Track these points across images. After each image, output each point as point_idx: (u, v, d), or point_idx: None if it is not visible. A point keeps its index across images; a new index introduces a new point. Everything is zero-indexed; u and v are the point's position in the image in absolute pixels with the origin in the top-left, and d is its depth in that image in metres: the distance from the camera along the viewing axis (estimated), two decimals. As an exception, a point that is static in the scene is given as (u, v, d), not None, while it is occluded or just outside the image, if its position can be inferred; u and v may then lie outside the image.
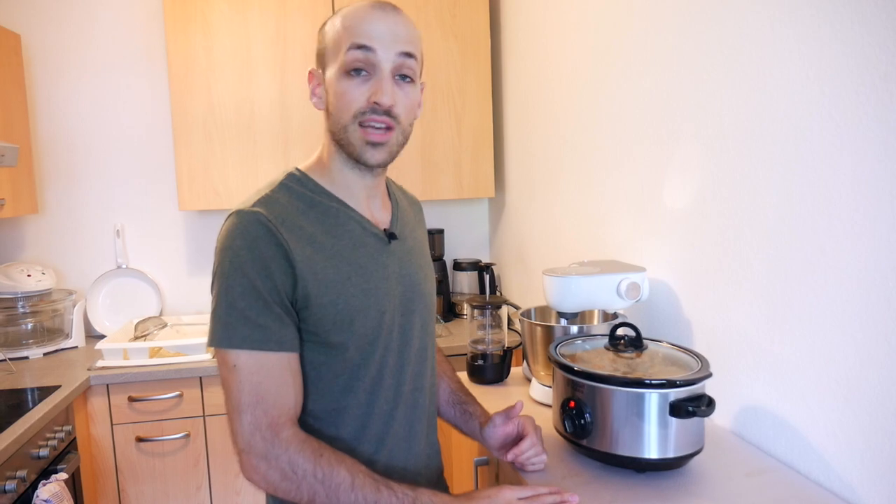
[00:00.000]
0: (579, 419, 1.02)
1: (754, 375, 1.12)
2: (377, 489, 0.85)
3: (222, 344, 0.86)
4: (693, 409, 0.94)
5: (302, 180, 0.97)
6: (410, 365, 1.01)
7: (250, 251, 0.86)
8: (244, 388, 0.85)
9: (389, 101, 0.90)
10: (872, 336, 0.87)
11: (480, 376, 1.49)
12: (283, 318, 0.87)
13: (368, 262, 0.96)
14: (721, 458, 1.06)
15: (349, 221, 0.96)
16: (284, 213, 0.90)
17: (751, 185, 1.10)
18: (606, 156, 1.66)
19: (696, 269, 1.27)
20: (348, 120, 0.91)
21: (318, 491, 0.84)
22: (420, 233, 1.14)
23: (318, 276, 0.89)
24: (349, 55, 0.90)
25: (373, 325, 0.94)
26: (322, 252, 0.91)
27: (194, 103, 2.34)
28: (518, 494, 0.89)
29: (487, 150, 2.55)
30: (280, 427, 0.85)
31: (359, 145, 0.92)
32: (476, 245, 2.91)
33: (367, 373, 0.95)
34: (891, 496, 0.85)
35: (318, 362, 0.92)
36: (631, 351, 1.15)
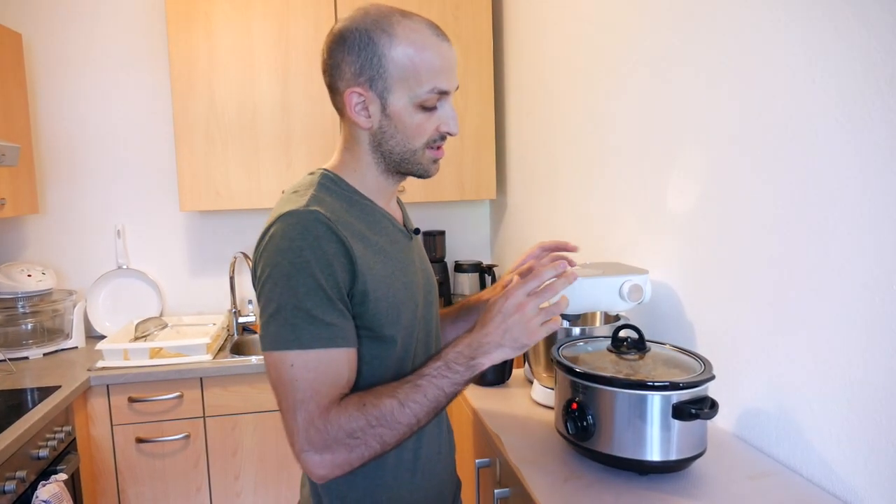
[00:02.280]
0: (582, 421, 1.01)
1: (757, 378, 1.11)
2: (417, 387, 0.88)
3: (291, 346, 0.85)
4: (696, 412, 0.94)
5: (336, 181, 0.99)
6: (434, 351, 1.05)
7: (313, 250, 0.86)
8: (299, 386, 0.85)
9: (458, 131, 0.98)
10: (877, 339, 0.87)
11: (481, 378, 1.49)
12: (347, 315, 0.89)
13: (403, 257, 1.00)
14: (723, 460, 1.06)
15: (384, 219, 1.00)
16: (336, 212, 0.92)
17: (755, 188, 1.10)
18: (609, 158, 1.66)
19: (699, 271, 1.26)
20: (420, 146, 0.96)
21: (381, 433, 0.86)
22: None
23: (372, 271, 0.92)
24: (430, 96, 0.93)
25: (411, 318, 0.98)
26: (371, 248, 0.94)
27: (196, 104, 2.34)
28: (524, 289, 0.89)
29: (489, 152, 2.55)
30: (328, 411, 0.85)
31: (427, 164, 0.98)
32: (477, 247, 2.91)
33: (409, 363, 0.99)
34: (894, 500, 0.85)
35: (371, 356, 0.95)
36: (633, 353, 1.15)
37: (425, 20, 0.94)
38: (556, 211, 2.04)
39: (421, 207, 2.82)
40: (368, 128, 0.95)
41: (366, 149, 0.98)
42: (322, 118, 2.42)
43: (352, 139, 0.99)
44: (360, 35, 0.91)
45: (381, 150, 0.97)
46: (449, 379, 0.89)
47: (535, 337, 0.89)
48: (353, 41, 0.92)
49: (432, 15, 2.45)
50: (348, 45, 0.92)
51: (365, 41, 0.91)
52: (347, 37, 0.92)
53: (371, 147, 0.97)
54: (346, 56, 0.92)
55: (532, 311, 0.89)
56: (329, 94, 0.99)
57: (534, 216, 2.30)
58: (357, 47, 0.91)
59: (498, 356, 0.90)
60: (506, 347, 0.89)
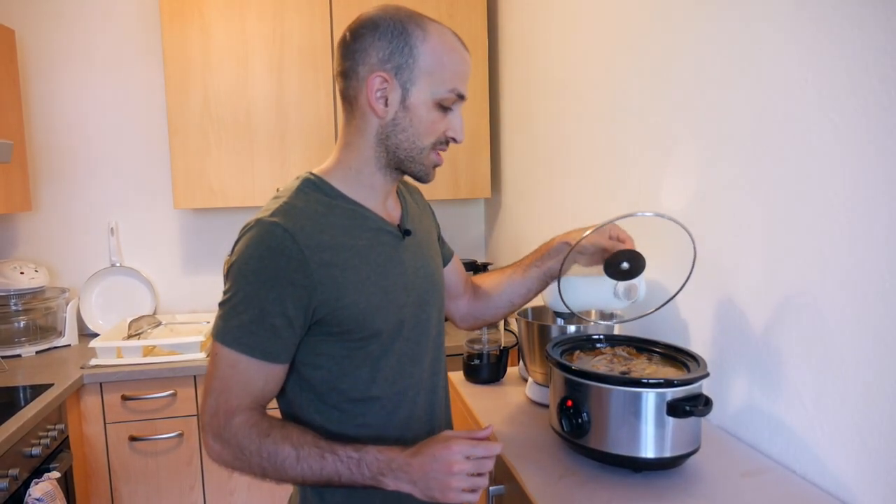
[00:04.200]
0: (576, 418, 1.02)
1: (751, 376, 1.12)
2: (322, 457, 0.89)
3: (219, 339, 0.91)
4: (690, 409, 0.95)
5: (318, 184, 0.99)
6: (429, 352, 1.06)
7: (262, 262, 0.90)
8: (217, 376, 0.91)
9: (463, 139, 1.01)
10: (869, 336, 0.88)
11: (476, 376, 1.49)
12: (279, 332, 0.90)
13: (386, 260, 0.99)
14: (717, 457, 1.06)
15: (366, 222, 1.00)
16: (303, 220, 0.93)
17: (748, 188, 1.11)
18: (604, 157, 1.66)
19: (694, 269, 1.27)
20: (428, 145, 0.97)
21: (267, 467, 0.90)
22: (426, 221, 1.19)
23: (337, 280, 0.92)
24: (450, 96, 0.96)
25: (392, 321, 0.98)
26: (342, 255, 0.94)
27: (190, 100, 2.33)
28: (466, 451, 0.88)
29: (484, 151, 2.55)
30: (233, 414, 0.91)
31: (428, 166, 0.99)
32: (472, 245, 2.91)
33: (389, 363, 0.99)
34: (886, 496, 0.86)
35: (342, 356, 0.96)
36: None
37: (450, 28, 0.99)
38: (551, 210, 2.04)
39: (416, 206, 2.81)
40: (382, 116, 0.95)
41: (370, 142, 0.98)
42: (317, 116, 2.41)
43: (356, 132, 0.98)
44: (394, 24, 0.94)
45: (388, 144, 0.97)
46: (351, 473, 0.89)
47: (447, 497, 0.87)
48: (386, 28, 0.94)
49: (427, 14, 2.44)
50: (381, 31, 0.94)
51: (399, 30, 0.93)
52: (380, 23, 0.94)
53: (377, 139, 0.97)
54: (377, 41, 0.93)
55: (459, 475, 0.87)
56: (341, 81, 0.98)
57: (529, 215, 2.30)
58: (390, 34, 0.93)
59: (405, 488, 0.89)
60: (416, 488, 0.88)
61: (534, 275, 1.24)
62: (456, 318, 1.30)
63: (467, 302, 1.29)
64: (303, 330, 0.93)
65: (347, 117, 1.00)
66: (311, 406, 0.97)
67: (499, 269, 1.34)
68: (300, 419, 0.98)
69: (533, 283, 1.24)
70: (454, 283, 1.27)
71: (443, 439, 0.90)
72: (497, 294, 1.27)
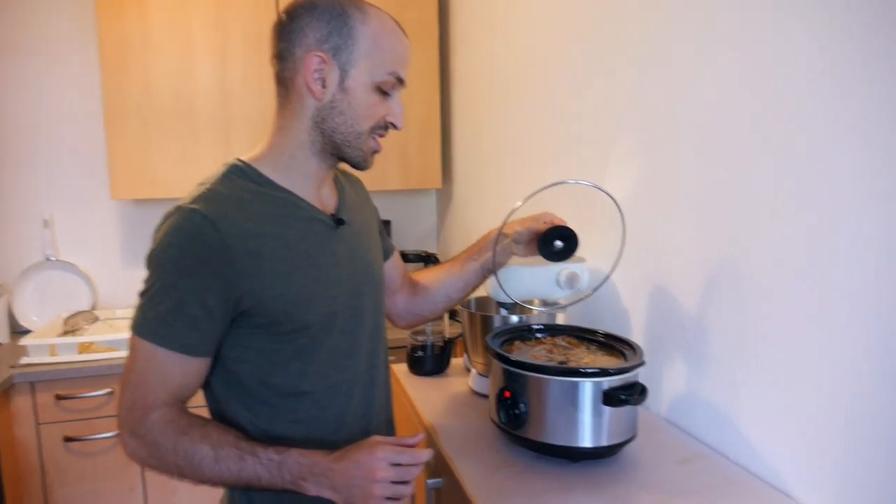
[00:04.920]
0: (514, 409, 1.00)
1: (687, 363, 1.12)
2: (241, 459, 0.86)
3: (136, 331, 0.88)
4: (626, 398, 0.94)
5: (246, 171, 0.95)
6: (365, 345, 1.03)
7: (181, 251, 0.86)
8: (133, 369, 0.88)
9: (402, 126, 0.98)
10: (802, 321, 0.88)
11: (420, 368, 1.47)
12: (198, 324, 0.86)
13: (317, 250, 0.96)
14: (654, 445, 1.06)
15: (296, 210, 0.95)
16: (227, 207, 0.89)
17: (688, 177, 1.11)
18: (551, 147, 1.66)
19: (635, 259, 1.27)
20: (366, 129, 0.95)
21: (183, 466, 0.86)
22: (366, 211, 1.15)
23: (263, 269, 0.89)
24: (389, 79, 0.94)
25: (324, 312, 0.95)
26: (268, 244, 0.90)
27: (129, 88, 2.24)
28: (391, 458, 0.86)
29: (434, 141, 2.53)
30: (151, 410, 0.87)
31: (367, 152, 0.97)
32: (423, 236, 2.89)
33: (321, 357, 0.96)
34: (817, 481, 0.87)
35: (270, 350, 0.92)
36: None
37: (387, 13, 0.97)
38: (501, 200, 2.03)
39: (366, 197, 2.77)
40: (319, 98, 0.92)
41: (305, 125, 0.94)
42: (263, 104, 2.34)
43: (291, 115, 0.95)
44: (332, 4, 0.92)
45: (324, 128, 0.94)
46: (271, 476, 0.86)
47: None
48: (324, 8, 0.91)
49: (376, 0, 2.40)
50: (319, 12, 0.91)
51: (337, 11, 0.91)
52: (318, 4, 0.92)
53: (313, 123, 0.94)
54: (314, 21, 0.91)
55: (382, 482, 0.85)
56: (276, 63, 0.95)
57: (480, 206, 2.29)
58: (328, 15, 0.91)
59: (326, 494, 0.87)
60: (338, 494, 0.86)
61: (471, 268, 1.22)
62: (393, 316, 1.28)
63: (405, 298, 1.26)
64: (225, 322, 0.89)
65: (282, 101, 0.96)
66: (238, 401, 0.94)
67: (438, 264, 1.32)
68: (227, 415, 0.94)
69: (471, 276, 1.22)
70: (393, 279, 1.24)
71: (368, 445, 0.87)
72: (435, 289, 1.25)
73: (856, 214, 0.79)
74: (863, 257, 0.78)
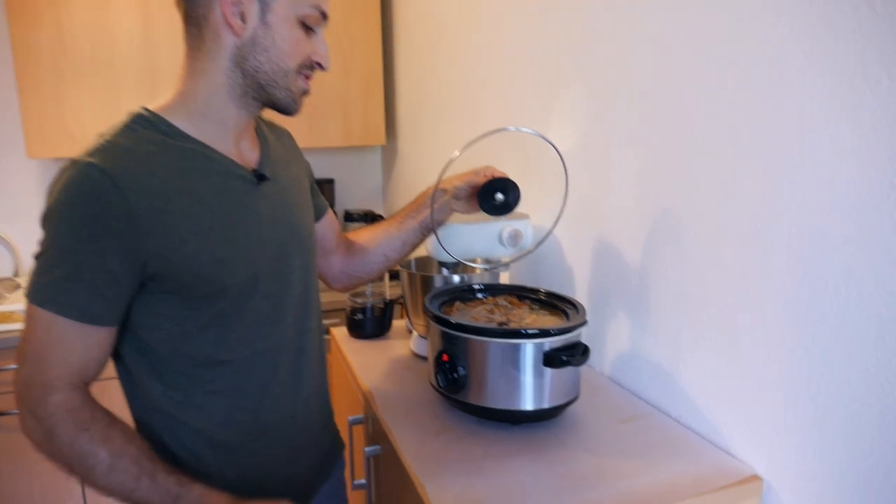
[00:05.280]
0: (452, 373, 0.96)
1: (631, 322, 1.10)
2: (137, 478, 0.79)
3: (28, 294, 0.79)
4: (567, 359, 0.90)
5: (152, 121, 0.85)
6: (293, 310, 0.96)
7: (75, 209, 0.77)
8: (31, 339, 0.79)
9: (329, 66, 0.92)
10: (744, 280, 0.86)
11: (360, 331, 1.41)
12: (101, 290, 0.78)
13: (235, 207, 0.88)
14: (597, 405, 1.04)
15: (211, 164, 0.87)
16: (128, 162, 0.80)
17: (634, 131, 1.06)
18: (496, 100, 1.59)
19: (579, 216, 1.23)
20: (293, 66, 0.87)
21: (74, 464, 0.79)
22: (295, 167, 1.06)
23: (171, 229, 0.80)
24: (312, 13, 0.87)
25: (243, 275, 0.87)
26: (178, 201, 0.81)
27: (40, 36, 2.05)
28: None
29: (377, 95, 2.42)
30: (52, 390, 0.79)
31: (296, 93, 0.90)
32: (369, 195, 2.80)
33: (244, 322, 0.89)
34: (755, 440, 0.85)
35: (184, 316, 0.84)
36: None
37: None
38: (447, 156, 1.96)
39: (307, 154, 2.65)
40: (239, 34, 0.83)
41: (223, 67, 0.85)
42: (191, 55, 2.19)
43: (206, 57, 0.85)
44: None
45: (245, 68, 0.85)
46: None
47: None
48: None
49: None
50: None
51: None
52: None
53: (232, 63, 0.85)
54: None
55: None
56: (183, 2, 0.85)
57: (425, 162, 2.21)
58: None
59: None
60: None
61: (410, 227, 1.16)
62: (328, 278, 1.21)
63: (340, 259, 1.19)
64: (132, 287, 0.81)
65: (194, 42, 0.86)
66: (151, 373, 0.86)
67: (375, 223, 1.25)
68: (140, 388, 0.87)
69: (409, 235, 1.16)
70: (326, 239, 1.16)
71: None
72: (372, 249, 1.18)
73: (798, 171, 0.76)
74: (803, 214, 0.75)
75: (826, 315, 0.74)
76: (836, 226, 0.72)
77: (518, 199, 1.05)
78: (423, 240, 1.18)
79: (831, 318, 0.74)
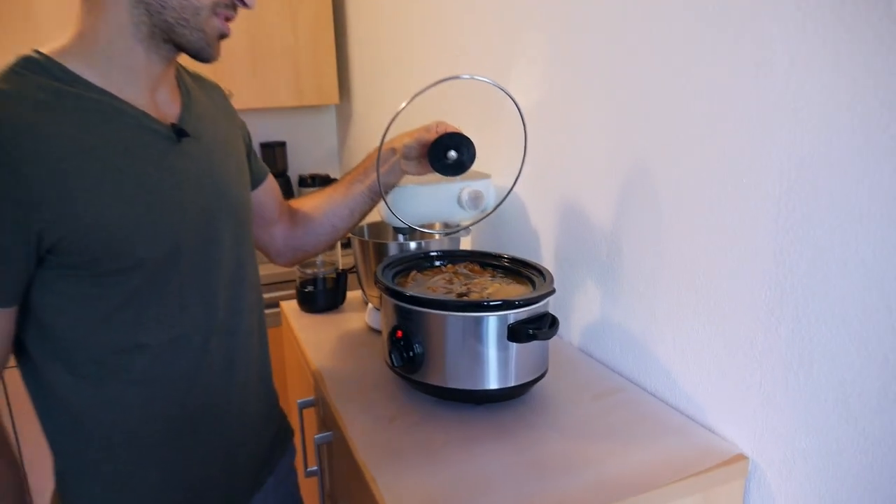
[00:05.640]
0: (408, 351, 0.86)
1: (602, 289, 1.01)
2: None
3: None
4: (534, 332, 0.82)
5: (45, 66, 0.71)
6: (223, 287, 0.84)
7: None
8: None
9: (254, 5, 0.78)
10: (729, 241, 0.77)
11: (312, 304, 1.30)
12: None
13: (150, 167, 0.75)
14: (566, 380, 0.96)
15: (120, 117, 0.74)
16: (15, 112, 0.67)
17: (601, 80, 0.96)
18: (456, 52, 1.47)
19: (543, 173, 1.13)
20: (205, 3, 0.74)
21: None
22: (226, 125, 0.93)
23: (71, 193, 0.68)
24: None
25: (163, 246, 0.75)
26: (79, 160, 0.69)
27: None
28: None
29: (329, 51, 2.27)
30: None
31: (210, 35, 0.76)
32: (324, 158, 2.66)
33: (164, 302, 0.77)
34: (739, 414, 0.78)
35: (92, 296, 0.72)
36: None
37: None
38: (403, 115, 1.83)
39: (257, 116, 2.49)
40: None
41: (125, 2, 0.72)
42: None
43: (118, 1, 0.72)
44: None
45: (150, 2, 0.72)
46: None
47: None
48: None
49: None
50: None
51: None
52: None
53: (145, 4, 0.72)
54: None
55: None
56: None
57: (383, 122, 2.08)
58: None
59: None
60: None
61: (357, 192, 1.04)
62: (271, 253, 1.09)
63: (284, 230, 1.07)
64: (29, 262, 0.68)
65: None
66: (58, 363, 0.74)
67: (320, 189, 1.13)
68: (44, 381, 0.75)
69: (357, 202, 1.05)
70: (267, 208, 1.04)
71: None
72: (317, 218, 1.06)
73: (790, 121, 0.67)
74: (794, 168, 0.67)
75: (820, 279, 0.66)
76: (832, 181, 0.63)
77: (473, 157, 0.94)
78: (373, 206, 1.07)
79: (826, 283, 0.66)
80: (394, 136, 1.04)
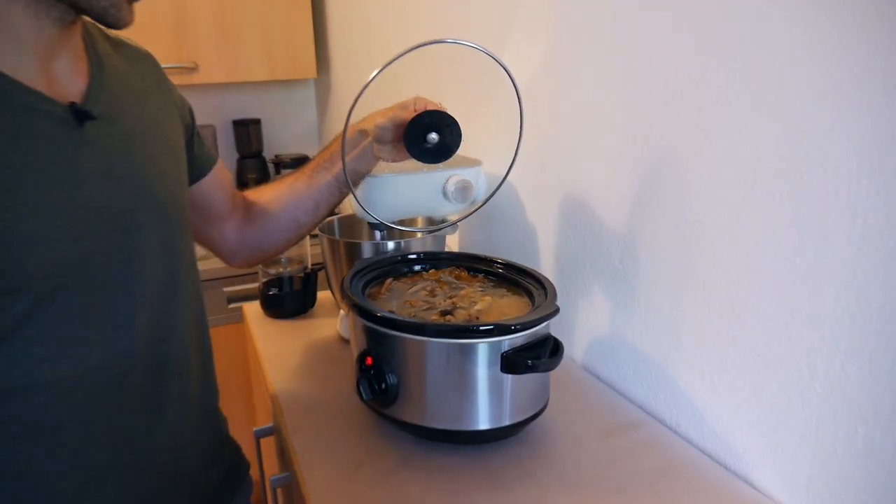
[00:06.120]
0: (379, 383, 0.71)
1: (613, 299, 0.86)
2: None
3: None
4: (533, 363, 0.66)
5: None
6: (146, 306, 0.67)
7: None
8: None
9: None
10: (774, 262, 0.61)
11: (278, 309, 1.14)
12: None
13: (39, 160, 0.58)
14: (571, 410, 0.81)
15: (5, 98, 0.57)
16: None
17: (614, 52, 0.79)
18: (444, 26, 1.29)
19: (544, 162, 0.97)
20: None
21: None
22: (156, 104, 0.75)
23: None
24: None
25: (58, 259, 0.59)
26: None
27: None
28: None
29: (304, 20, 2.08)
30: None
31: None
32: (302, 137, 2.47)
33: (63, 329, 0.60)
34: (785, 466, 0.63)
35: None
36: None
37: None
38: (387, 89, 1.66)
39: (228, 91, 2.30)
40: None
41: None
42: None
43: None
44: None
45: None
46: None
47: None
48: None
49: None
50: None
51: None
52: None
53: None
54: None
55: None
56: None
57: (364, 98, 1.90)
58: None
59: None
60: None
61: (323, 181, 0.88)
62: (224, 253, 0.92)
63: (237, 226, 0.91)
64: None
65: None
66: None
67: (280, 178, 0.97)
68: None
69: (323, 193, 0.89)
70: (216, 203, 0.87)
71: None
72: (277, 213, 0.90)
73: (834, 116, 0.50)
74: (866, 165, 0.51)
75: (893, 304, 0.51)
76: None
77: (459, 140, 0.77)
78: (342, 197, 0.91)
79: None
80: (366, 116, 0.87)
